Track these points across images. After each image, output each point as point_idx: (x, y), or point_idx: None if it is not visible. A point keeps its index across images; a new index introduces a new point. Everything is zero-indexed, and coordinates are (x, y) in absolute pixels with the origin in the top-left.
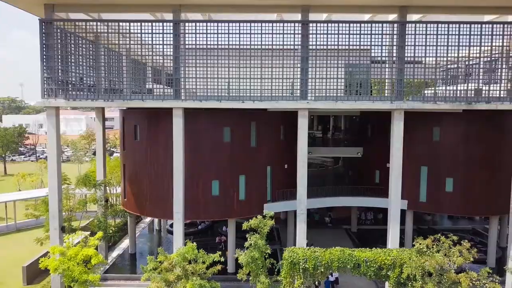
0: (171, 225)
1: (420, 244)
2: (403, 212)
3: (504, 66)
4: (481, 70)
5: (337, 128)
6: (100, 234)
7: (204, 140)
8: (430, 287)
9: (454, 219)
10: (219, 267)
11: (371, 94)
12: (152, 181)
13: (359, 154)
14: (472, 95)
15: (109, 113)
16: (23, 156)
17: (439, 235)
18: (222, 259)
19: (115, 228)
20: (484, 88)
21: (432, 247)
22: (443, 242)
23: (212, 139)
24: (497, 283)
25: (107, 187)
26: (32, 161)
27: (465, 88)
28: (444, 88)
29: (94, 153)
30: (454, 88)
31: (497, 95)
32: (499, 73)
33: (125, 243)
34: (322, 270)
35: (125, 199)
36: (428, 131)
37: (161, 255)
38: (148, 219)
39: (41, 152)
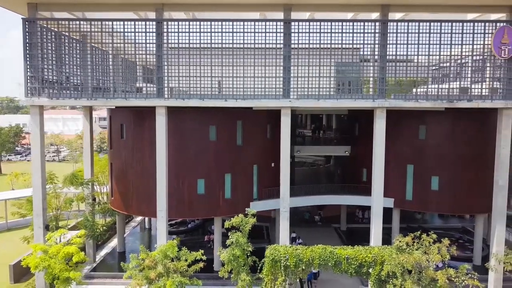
0: None
1: (400, 241)
2: (390, 210)
3: (487, 65)
4: (463, 69)
5: (328, 127)
6: (82, 232)
7: (190, 139)
8: (408, 284)
9: (444, 218)
10: (201, 264)
11: (361, 92)
12: (137, 180)
13: (346, 152)
14: (458, 93)
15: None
16: (19, 156)
17: (418, 232)
18: (204, 257)
19: (103, 227)
20: (465, 86)
21: (413, 245)
22: (424, 240)
23: (198, 138)
24: (475, 280)
25: (97, 186)
26: (28, 160)
27: (447, 86)
28: (428, 86)
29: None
30: (439, 86)
31: (479, 93)
32: (481, 72)
33: (115, 241)
34: (304, 267)
35: (112, 198)
36: (414, 130)
37: (142, 252)
38: (139, 218)
39: None
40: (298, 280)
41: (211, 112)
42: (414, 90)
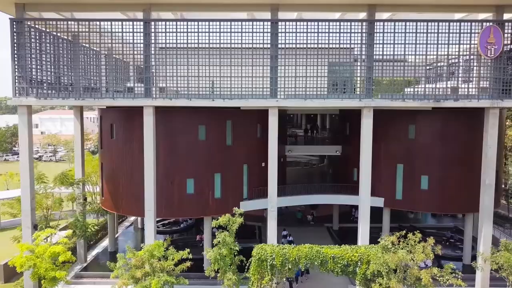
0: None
1: (385, 240)
2: (381, 210)
3: (474, 64)
4: (450, 68)
5: (322, 127)
6: (69, 232)
7: (179, 139)
8: (393, 283)
9: (437, 217)
10: (188, 263)
11: (349, 91)
12: (127, 179)
13: (337, 152)
14: (445, 92)
15: None
16: (16, 156)
17: (403, 231)
18: (191, 256)
19: (96, 227)
20: (452, 85)
21: (398, 244)
22: (409, 239)
23: (187, 138)
24: (459, 279)
25: (90, 186)
26: None
27: (435, 86)
28: (414, 86)
29: (93, 152)
30: (429, 86)
31: (466, 93)
32: (468, 71)
33: (107, 241)
34: (290, 266)
35: (103, 198)
36: (403, 129)
37: (129, 252)
38: (132, 218)
39: (35, 151)
40: (287, 280)
41: (200, 111)
42: (401, 89)
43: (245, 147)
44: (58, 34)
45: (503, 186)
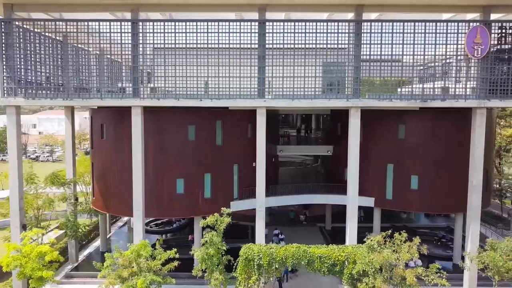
0: (147, 223)
1: (371, 240)
2: (372, 210)
3: (462, 64)
4: (437, 68)
5: (314, 127)
6: (56, 231)
7: (169, 139)
8: (378, 283)
9: (430, 217)
10: (175, 263)
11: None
12: (117, 179)
13: (329, 152)
14: (433, 92)
15: None
16: None
17: (389, 231)
18: (177, 255)
19: (87, 227)
20: (440, 85)
21: (385, 244)
22: (396, 239)
23: (177, 138)
24: (443, 279)
25: (83, 186)
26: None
27: (422, 86)
28: (401, 86)
29: (86, 153)
30: (416, 86)
31: (453, 93)
32: (455, 71)
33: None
34: (277, 266)
35: (94, 198)
36: (393, 129)
37: (116, 252)
38: (125, 218)
39: (32, 152)
40: (276, 280)
41: (190, 111)
42: (388, 89)
43: (235, 147)
44: (47, 34)
45: (497, 186)
